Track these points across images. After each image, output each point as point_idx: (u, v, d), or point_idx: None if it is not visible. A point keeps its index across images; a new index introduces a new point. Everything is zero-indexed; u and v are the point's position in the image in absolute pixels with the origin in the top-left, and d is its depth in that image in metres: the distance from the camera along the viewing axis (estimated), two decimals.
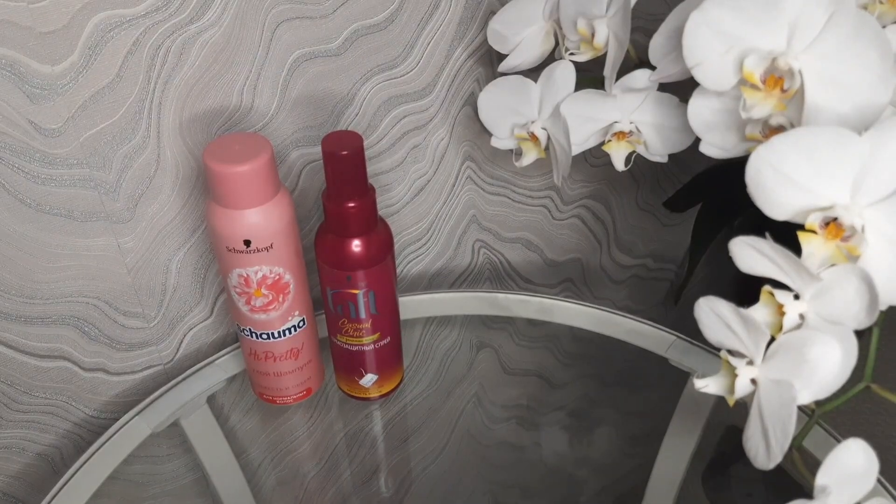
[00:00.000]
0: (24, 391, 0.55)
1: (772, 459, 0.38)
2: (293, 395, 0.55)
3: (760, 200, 0.39)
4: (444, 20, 0.58)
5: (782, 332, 0.39)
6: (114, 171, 0.50)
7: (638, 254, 0.79)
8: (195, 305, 0.60)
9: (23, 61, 0.44)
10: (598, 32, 0.49)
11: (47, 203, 0.49)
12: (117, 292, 0.55)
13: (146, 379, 0.61)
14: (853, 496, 0.37)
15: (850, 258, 0.38)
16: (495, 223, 0.73)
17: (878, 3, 0.43)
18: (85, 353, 0.56)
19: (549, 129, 0.53)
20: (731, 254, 0.40)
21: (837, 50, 0.39)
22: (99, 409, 0.60)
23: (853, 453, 0.36)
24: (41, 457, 0.60)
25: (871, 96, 0.38)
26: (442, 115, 0.63)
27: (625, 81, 0.51)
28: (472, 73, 0.62)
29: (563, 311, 0.63)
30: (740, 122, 0.43)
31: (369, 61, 0.57)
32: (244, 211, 0.45)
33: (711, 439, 0.54)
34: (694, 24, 0.41)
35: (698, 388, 0.42)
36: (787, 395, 0.37)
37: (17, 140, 0.46)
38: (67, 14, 0.44)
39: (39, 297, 0.52)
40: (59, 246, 0.51)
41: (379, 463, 0.53)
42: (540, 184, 0.71)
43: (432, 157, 0.65)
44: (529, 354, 0.61)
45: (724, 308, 0.40)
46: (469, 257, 0.74)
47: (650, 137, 0.51)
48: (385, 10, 0.55)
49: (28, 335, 0.53)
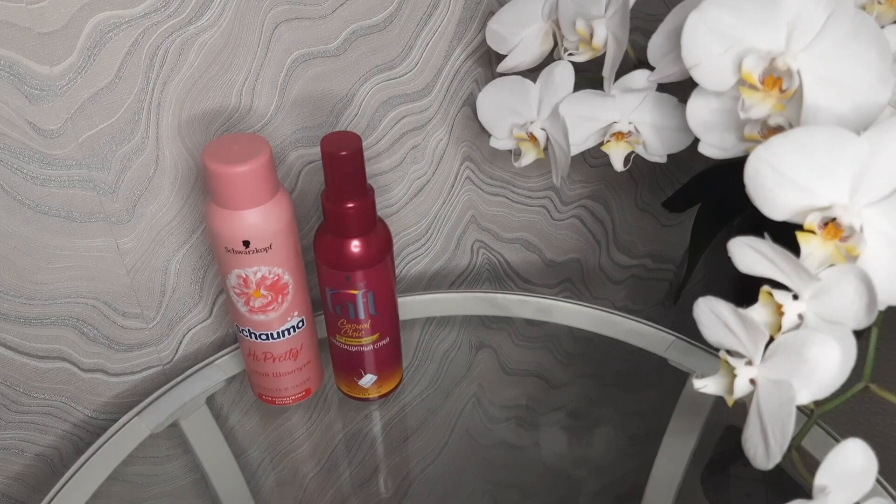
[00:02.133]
0: (24, 392, 0.55)
1: (771, 459, 0.38)
2: (292, 396, 0.55)
3: (759, 200, 0.39)
4: (442, 20, 0.58)
5: (781, 332, 0.39)
6: (113, 172, 0.50)
7: (637, 254, 0.79)
8: (194, 306, 0.60)
9: (21, 62, 0.44)
10: (597, 33, 0.49)
11: (46, 204, 0.49)
12: (116, 293, 0.55)
13: (145, 380, 0.61)
14: (852, 496, 0.37)
15: (849, 258, 0.38)
16: (494, 223, 0.73)
17: (876, 3, 0.43)
18: (84, 354, 0.56)
19: (547, 130, 0.53)
20: (730, 254, 0.40)
21: (836, 50, 0.39)
22: (98, 410, 0.60)
23: (852, 453, 0.36)
24: (40, 458, 0.59)
25: (869, 96, 0.38)
26: (441, 116, 0.63)
27: (624, 82, 0.51)
28: (470, 73, 0.62)
29: (562, 311, 0.63)
30: (739, 122, 0.43)
31: (368, 62, 0.57)
32: (243, 211, 0.45)
33: (710, 439, 0.54)
34: (692, 25, 0.41)
35: (697, 388, 0.42)
36: (786, 395, 0.37)
37: (16, 141, 0.46)
38: (66, 15, 0.44)
39: (38, 297, 0.52)
40: (58, 247, 0.51)
41: (378, 463, 0.53)
42: (539, 184, 0.71)
43: (431, 157, 0.65)
44: (529, 355, 0.61)
45: (722, 308, 0.40)
46: (468, 258, 0.74)
47: (649, 138, 0.52)
48: (384, 10, 0.55)
49: (27, 336, 0.53)
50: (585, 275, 0.80)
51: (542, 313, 0.63)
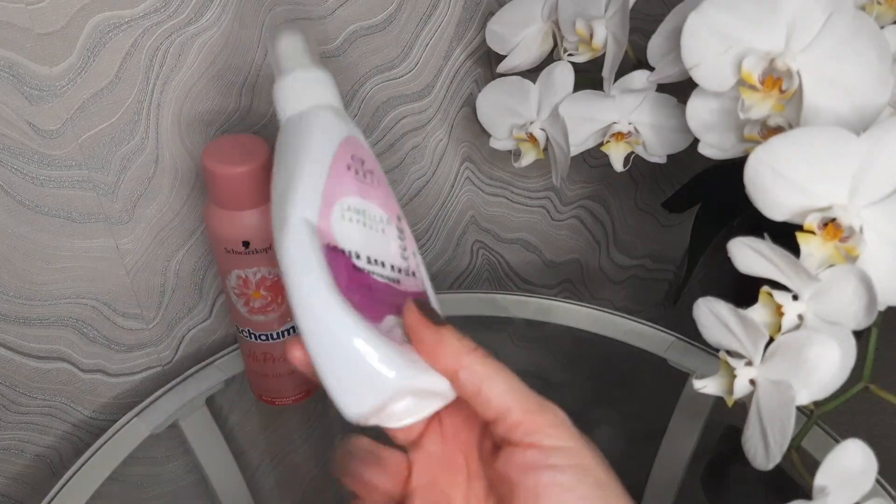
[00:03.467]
0: (23, 393, 0.55)
1: (770, 460, 0.38)
2: (292, 397, 0.55)
3: (759, 201, 0.39)
4: (442, 21, 0.58)
5: (781, 332, 0.39)
6: (112, 173, 0.50)
7: (637, 254, 0.79)
8: (194, 307, 0.60)
9: (21, 63, 0.44)
10: (597, 33, 0.49)
11: (46, 204, 0.49)
12: (116, 294, 0.55)
13: (145, 380, 0.61)
14: (852, 496, 0.37)
15: (849, 259, 0.38)
16: (494, 224, 0.73)
17: (876, 4, 0.43)
18: (84, 355, 0.56)
19: (547, 130, 0.53)
20: (730, 254, 0.40)
21: (836, 50, 0.39)
22: (98, 411, 0.60)
23: (852, 454, 0.36)
24: (40, 458, 0.59)
25: (869, 97, 0.38)
26: (441, 116, 0.63)
27: (623, 82, 0.51)
28: (470, 73, 0.62)
29: (561, 311, 0.63)
30: (739, 122, 0.43)
31: (368, 62, 0.57)
32: (243, 212, 0.45)
33: (710, 440, 0.54)
34: (692, 25, 0.41)
35: (697, 388, 0.42)
36: (786, 395, 0.37)
37: (16, 141, 0.46)
38: (66, 15, 0.44)
39: (38, 298, 0.52)
40: (58, 247, 0.51)
41: None
42: (539, 184, 0.71)
43: (431, 157, 0.65)
44: (528, 355, 0.61)
45: (722, 309, 0.40)
46: (468, 258, 0.74)
47: (649, 138, 0.52)
48: (384, 10, 0.55)
49: (27, 337, 0.53)
50: (585, 275, 0.80)
51: (542, 314, 0.63)
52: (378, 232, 0.32)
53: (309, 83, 0.33)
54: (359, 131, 0.34)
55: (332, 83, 0.34)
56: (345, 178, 0.31)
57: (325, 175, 0.30)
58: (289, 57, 0.34)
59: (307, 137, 0.32)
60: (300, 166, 0.30)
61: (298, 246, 0.28)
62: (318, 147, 0.31)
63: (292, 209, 0.29)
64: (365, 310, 0.28)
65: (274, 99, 0.33)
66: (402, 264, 0.32)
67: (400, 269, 0.32)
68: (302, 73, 0.33)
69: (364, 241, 0.31)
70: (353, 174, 0.31)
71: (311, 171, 0.30)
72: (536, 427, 0.28)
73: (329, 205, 0.30)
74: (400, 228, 0.34)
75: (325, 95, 0.33)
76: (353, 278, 0.29)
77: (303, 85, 0.33)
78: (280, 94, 0.33)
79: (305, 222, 0.29)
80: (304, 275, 0.28)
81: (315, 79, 0.34)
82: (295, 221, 0.29)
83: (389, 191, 0.34)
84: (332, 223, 0.30)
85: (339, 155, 0.31)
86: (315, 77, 0.33)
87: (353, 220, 0.31)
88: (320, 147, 0.31)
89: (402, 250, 0.33)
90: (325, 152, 0.31)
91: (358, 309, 0.28)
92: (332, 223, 0.30)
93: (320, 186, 0.30)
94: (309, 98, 0.33)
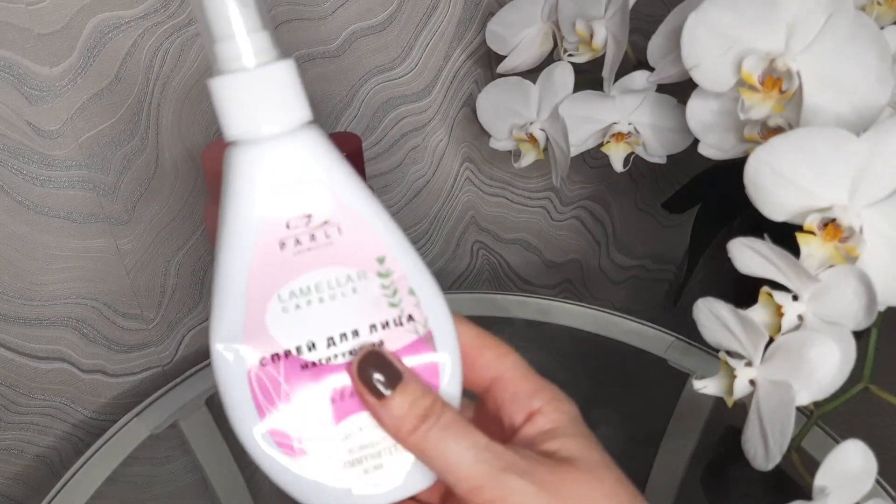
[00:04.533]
0: (23, 393, 0.55)
1: (770, 460, 0.38)
2: None
3: (759, 201, 0.39)
4: (442, 21, 0.58)
5: (781, 333, 0.39)
6: (112, 173, 0.50)
7: (637, 255, 0.79)
8: (194, 307, 0.60)
9: (21, 63, 0.44)
10: (597, 33, 0.49)
11: (46, 205, 0.49)
12: (116, 294, 0.55)
13: (145, 380, 0.61)
14: (852, 497, 0.37)
15: (849, 259, 0.38)
16: (494, 224, 0.73)
17: (875, 4, 0.43)
18: (84, 355, 0.56)
19: (547, 131, 0.53)
20: (730, 255, 0.40)
21: (835, 51, 0.39)
22: (98, 411, 0.60)
23: (852, 454, 0.36)
24: (40, 458, 0.59)
25: (869, 97, 0.38)
26: (441, 117, 0.63)
27: (623, 82, 0.51)
28: (470, 74, 0.62)
29: (561, 312, 0.63)
30: (738, 123, 0.43)
31: (368, 62, 0.57)
32: None
33: (710, 440, 0.54)
34: (692, 26, 0.41)
35: (697, 388, 0.42)
36: (786, 395, 0.37)
37: (16, 142, 0.46)
38: (66, 16, 0.44)
39: (38, 298, 0.52)
40: (58, 248, 0.51)
41: None
42: (539, 185, 0.71)
43: (431, 158, 0.65)
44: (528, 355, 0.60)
45: (722, 309, 0.40)
46: (468, 259, 0.74)
47: (649, 138, 0.52)
48: (384, 11, 0.55)
49: (27, 337, 0.53)
50: (585, 275, 0.80)
51: (541, 314, 0.63)
52: (344, 297, 0.26)
53: (249, 93, 0.26)
54: (328, 149, 0.26)
55: (287, 75, 0.25)
56: (276, 264, 0.25)
57: (244, 280, 0.25)
58: (225, 19, 0.25)
59: (224, 226, 0.25)
60: (215, 276, 0.26)
61: (221, 376, 0.25)
62: (233, 243, 0.25)
63: (212, 334, 0.25)
64: (317, 417, 0.25)
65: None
66: (386, 317, 0.26)
67: (386, 324, 0.26)
68: (244, 76, 0.26)
69: (322, 321, 0.25)
70: (290, 251, 0.25)
71: (225, 285, 0.25)
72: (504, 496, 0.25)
73: (260, 309, 0.25)
74: (381, 272, 0.26)
75: (270, 111, 0.26)
76: (301, 381, 0.25)
77: (243, 95, 0.26)
78: (217, 102, 0.26)
79: (225, 349, 0.25)
80: (229, 409, 0.25)
81: (260, 79, 0.26)
82: (214, 351, 0.25)
83: (370, 223, 0.26)
84: (268, 325, 0.25)
85: (264, 238, 0.25)
86: (261, 77, 0.26)
87: (301, 306, 0.25)
88: (235, 241, 0.25)
89: (389, 296, 0.27)
90: (242, 244, 0.25)
91: (302, 423, 0.25)
92: (268, 325, 0.25)
93: (241, 302, 0.25)
94: (244, 123, 0.26)
